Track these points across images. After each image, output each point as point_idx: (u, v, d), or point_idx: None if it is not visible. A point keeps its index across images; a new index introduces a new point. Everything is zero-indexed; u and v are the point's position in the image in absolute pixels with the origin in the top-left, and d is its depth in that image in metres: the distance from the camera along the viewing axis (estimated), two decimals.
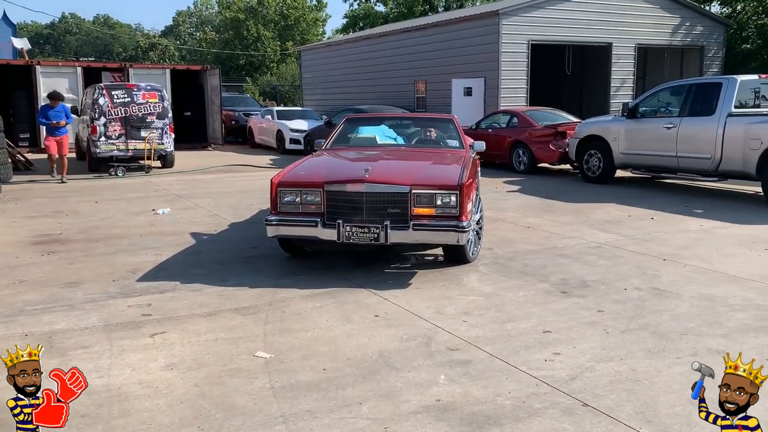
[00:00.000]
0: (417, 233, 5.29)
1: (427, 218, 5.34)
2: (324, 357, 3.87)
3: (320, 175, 5.63)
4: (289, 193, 5.55)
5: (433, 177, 5.61)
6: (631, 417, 3.12)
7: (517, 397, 3.34)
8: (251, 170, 14.66)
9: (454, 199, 5.33)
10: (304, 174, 5.80)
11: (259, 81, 44.58)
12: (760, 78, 10.41)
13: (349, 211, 5.35)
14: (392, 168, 5.89)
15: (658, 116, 10.71)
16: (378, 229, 5.23)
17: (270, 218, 5.52)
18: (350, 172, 5.72)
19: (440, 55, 19.91)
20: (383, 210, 5.32)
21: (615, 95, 19.64)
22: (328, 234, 5.35)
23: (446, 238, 5.38)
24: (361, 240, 5.27)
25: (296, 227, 5.51)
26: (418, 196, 5.34)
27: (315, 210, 5.48)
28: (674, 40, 20.46)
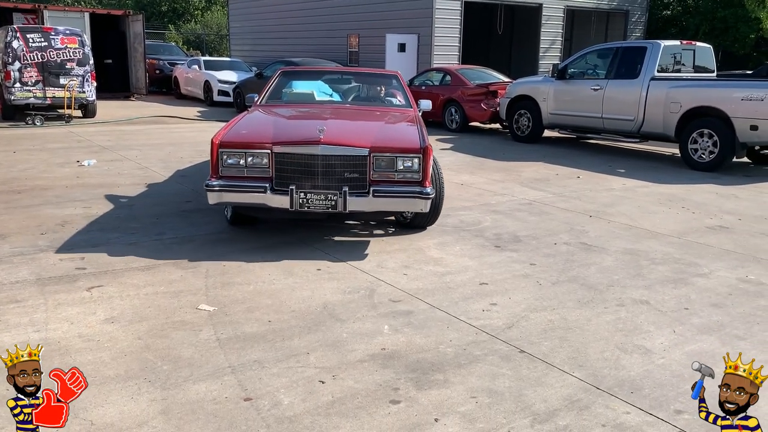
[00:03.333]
0: (378, 200, 4.87)
1: (387, 183, 4.92)
2: (268, 309, 3.90)
3: (267, 135, 5.05)
4: (233, 155, 4.91)
5: (393, 139, 5.20)
6: (564, 362, 3.33)
7: (458, 345, 3.49)
8: (179, 122, 14.20)
9: (417, 163, 4.95)
10: (247, 133, 5.20)
11: (182, 29, 42.72)
12: (682, 44, 10.90)
13: (300, 176, 4.86)
14: (348, 129, 5.42)
15: (585, 78, 11.05)
16: (336, 196, 4.79)
17: (211, 183, 4.88)
18: (302, 131, 5.25)
19: (374, 9, 19.66)
20: (340, 175, 4.85)
21: (543, 56, 20.04)
22: (278, 201, 4.84)
23: (409, 206, 5.02)
24: (316, 207, 4.81)
25: (241, 193, 4.92)
26: (378, 160, 4.91)
27: (261, 174, 4.92)
28: (601, 4, 20.97)
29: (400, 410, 2.84)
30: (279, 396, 2.92)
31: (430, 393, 2.99)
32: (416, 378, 3.12)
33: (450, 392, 3.00)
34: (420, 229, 5.76)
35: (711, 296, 4.33)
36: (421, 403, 2.90)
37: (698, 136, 9.23)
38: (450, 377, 3.14)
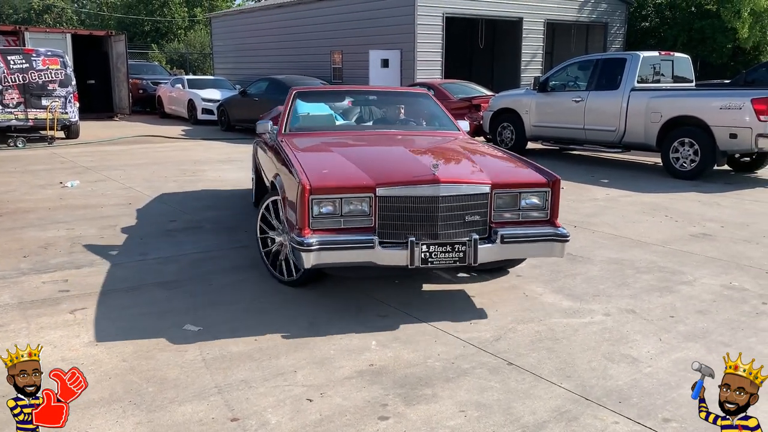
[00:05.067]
0: (508, 247, 4.01)
1: (512, 226, 4.08)
2: (255, 328, 3.87)
3: (363, 175, 3.99)
4: (327, 202, 3.85)
5: (510, 172, 4.35)
6: (552, 373, 3.33)
7: (446, 358, 3.48)
8: (163, 141, 14.16)
9: (543, 199, 4.14)
10: (340, 174, 4.08)
11: (166, 48, 42.73)
12: (660, 54, 11.06)
13: (413, 224, 3.88)
14: (454, 162, 4.49)
15: (567, 90, 11.16)
16: (464, 246, 3.88)
17: (306, 241, 3.76)
18: (409, 168, 4.16)
19: (357, 26, 19.80)
20: (460, 219, 3.95)
21: (525, 69, 20.25)
22: (392, 257, 3.84)
23: (544, 251, 4.18)
24: (441, 262, 3.88)
25: (345, 251, 3.83)
26: (499, 198, 4.05)
27: (361, 224, 3.89)
28: (581, 17, 21.25)
29: (389, 426, 2.82)
30: (266, 415, 2.90)
31: (419, 408, 2.97)
32: (404, 393, 3.10)
33: (439, 407, 2.99)
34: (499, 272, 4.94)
35: (696, 303, 4.36)
36: (409, 419, 2.88)
37: (679, 145, 9.34)
38: (438, 392, 3.13)
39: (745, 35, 19.39)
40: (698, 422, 2.85)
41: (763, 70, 13.76)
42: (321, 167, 4.18)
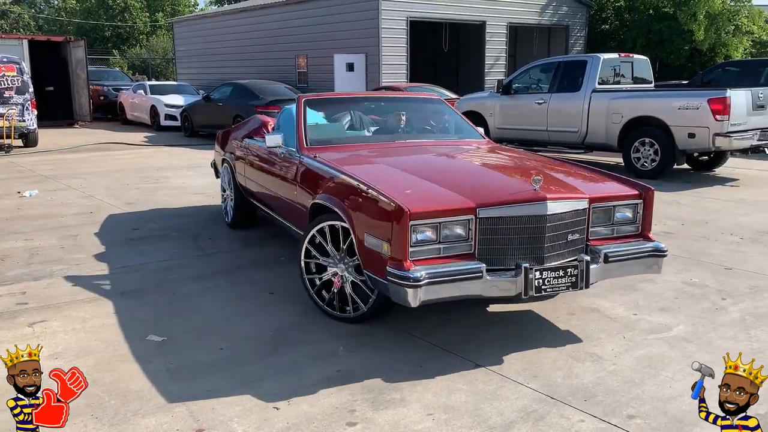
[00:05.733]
0: (612, 267, 3.72)
1: (609, 242, 3.81)
2: (220, 337, 3.82)
3: (459, 196, 3.50)
4: (425, 228, 3.36)
5: (602, 185, 4.05)
6: (519, 374, 3.35)
7: (414, 362, 3.48)
8: (125, 148, 13.92)
9: (635, 212, 3.93)
10: (434, 195, 3.57)
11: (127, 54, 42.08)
12: (620, 56, 11.27)
13: (517, 247, 3.51)
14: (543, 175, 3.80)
15: (530, 92, 11.30)
16: (576, 270, 3.53)
17: (412, 274, 3.25)
18: (506, 185, 3.80)
19: (321, 30, 19.77)
20: (563, 239, 3.62)
21: (489, 72, 20.45)
22: (503, 287, 3.43)
23: (644, 268, 3.88)
24: (554, 288, 3.50)
25: (453, 283, 3.35)
26: (596, 213, 3.78)
27: (460, 251, 3.45)
28: (542, 20, 21.55)
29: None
30: (232, 425, 2.85)
31: (387, 413, 2.96)
32: (372, 398, 3.09)
33: (407, 411, 2.98)
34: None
35: (658, 301, 4.44)
36: (377, 424, 2.87)
37: (640, 145, 9.52)
38: (407, 395, 3.12)
39: (701, 37, 19.90)
40: (661, 418, 2.91)
41: (719, 71, 14.14)
42: (402, 187, 3.63)
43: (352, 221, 3.66)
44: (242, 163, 5.98)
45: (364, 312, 3.88)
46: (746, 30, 20.76)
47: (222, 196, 6.76)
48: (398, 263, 3.32)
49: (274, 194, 5.16)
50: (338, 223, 3.83)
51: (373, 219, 3.50)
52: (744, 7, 20.82)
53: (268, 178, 5.24)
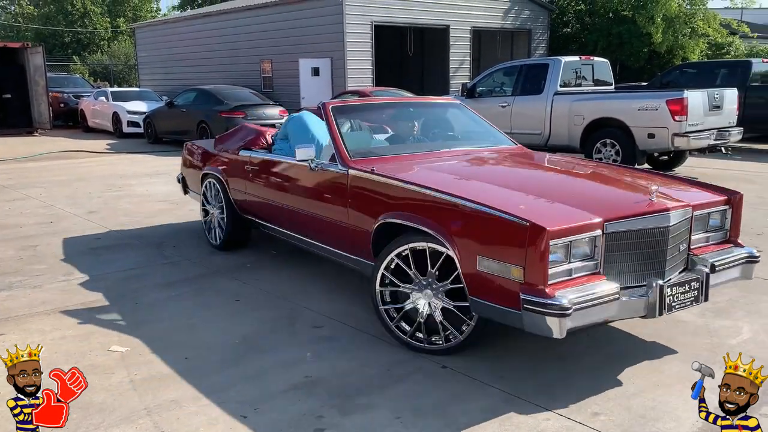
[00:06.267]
0: (718, 277, 3.55)
1: (704, 250, 3.66)
2: (185, 346, 3.77)
3: (581, 210, 3.20)
4: (557, 248, 3.05)
5: (693, 192, 3.85)
6: (485, 374, 3.37)
7: (383, 366, 3.48)
8: (87, 156, 13.66)
9: (723, 218, 3.80)
10: (555, 212, 3.21)
11: (88, 60, 41.32)
12: (581, 59, 11.47)
13: (640, 262, 3.27)
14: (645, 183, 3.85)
15: (494, 96, 11.43)
16: (697, 283, 3.36)
17: (559, 301, 2.92)
18: (621, 196, 3.61)
19: (286, 35, 19.70)
20: (677, 250, 3.44)
21: (454, 75, 20.62)
22: (634, 307, 3.18)
23: (738, 275, 3.72)
24: (681, 304, 3.30)
25: (595, 308, 3.04)
26: (695, 221, 3.60)
27: (588, 271, 3.16)
28: (505, 24, 21.82)
29: None
30: None
31: (355, 418, 2.96)
32: (340, 404, 3.08)
33: (375, 415, 2.98)
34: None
35: None
36: (346, 429, 2.87)
37: (601, 146, 9.70)
38: (375, 400, 3.12)
39: (659, 39, 20.35)
40: (624, 414, 2.96)
41: (677, 73, 14.48)
42: (516, 203, 3.27)
43: (454, 243, 3.25)
44: (241, 178, 5.39)
45: (459, 342, 3.50)
46: (702, 32, 21.30)
47: (204, 215, 6.07)
48: (536, 290, 2.96)
49: (303, 213, 4.60)
50: (427, 244, 3.44)
51: (492, 240, 3.12)
52: (699, 10, 21.37)
53: (292, 195, 4.72)
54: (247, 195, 5.37)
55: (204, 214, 6.06)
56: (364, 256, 4.01)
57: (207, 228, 6.03)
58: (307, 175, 4.50)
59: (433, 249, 3.43)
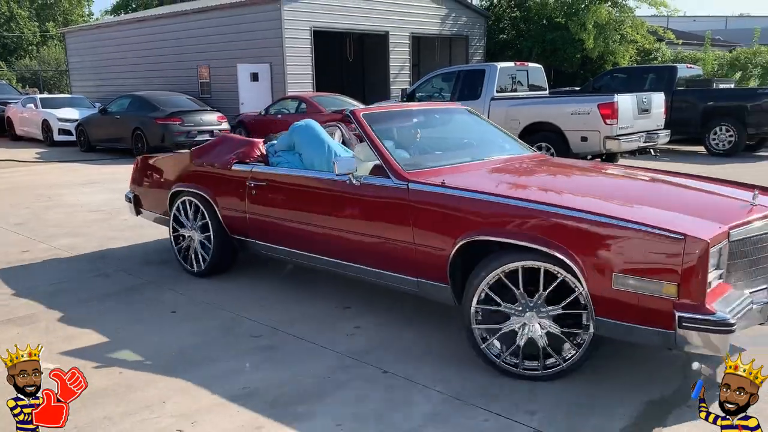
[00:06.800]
0: None
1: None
2: (118, 360, 3.64)
3: (706, 220, 3.03)
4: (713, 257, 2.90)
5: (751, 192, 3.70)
6: (426, 378, 3.38)
7: (322, 374, 3.45)
8: (14, 165, 13.11)
9: None
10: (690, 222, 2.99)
11: (15, 66, 39.69)
12: (516, 65, 11.73)
13: (749, 270, 3.15)
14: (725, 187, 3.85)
15: (433, 101, 11.54)
16: None
17: (721, 318, 2.76)
18: (722, 204, 3.47)
19: (223, 40, 19.41)
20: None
21: (395, 81, 20.74)
22: (754, 316, 3.04)
23: None
24: None
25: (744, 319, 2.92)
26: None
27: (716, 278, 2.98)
28: (443, 30, 22.12)
29: None
30: None
31: (295, 427, 2.92)
32: (279, 413, 3.04)
33: (315, 423, 2.95)
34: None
35: None
36: None
37: (537, 149, 9.92)
38: (315, 408, 3.09)
39: (591, 45, 21.01)
40: (559, 410, 3.02)
41: (608, 78, 14.98)
42: (652, 215, 3.05)
43: (578, 261, 3.01)
44: (235, 197, 4.80)
45: (562, 367, 3.27)
46: (631, 39, 22.10)
47: (176, 239, 5.37)
48: (694, 306, 2.77)
49: (339, 233, 4.11)
50: (535, 263, 3.18)
51: (634, 257, 2.89)
52: (628, 17, 22.17)
53: (323, 214, 4.20)
54: (249, 214, 4.72)
55: (176, 239, 5.37)
56: (433, 278, 3.63)
57: (181, 254, 5.32)
58: (346, 191, 4.02)
59: (546, 269, 3.15)
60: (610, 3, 22.10)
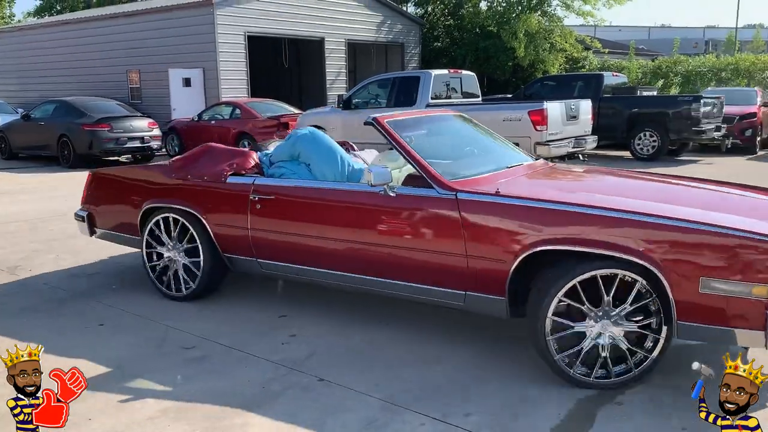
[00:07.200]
0: None
1: None
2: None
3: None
4: None
5: None
6: (362, 384, 3.38)
7: (257, 384, 3.40)
8: None
9: None
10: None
11: None
12: (450, 72, 11.93)
13: None
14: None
15: (369, 107, 11.61)
16: None
17: None
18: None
19: (154, 44, 18.96)
20: None
21: (331, 87, 20.74)
22: None
23: None
24: None
25: None
26: None
27: None
28: (379, 37, 22.28)
29: None
30: None
31: None
32: (213, 426, 2.98)
33: None
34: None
35: None
36: None
37: None
38: (249, 419, 3.05)
39: (522, 54, 21.59)
40: (492, 411, 3.08)
41: (538, 85, 15.42)
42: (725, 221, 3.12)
43: (662, 267, 3.05)
44: (233, 212, 4.40)
45: (634, 374, 3.26)
46: (560, 48, 22.83)
47: (149, 260, 4.84)
48: None
49: (371, 249, 3.87)
50: (613, 271, 3.16)
51: (724, 261, 2.96)
52: (557, 26, 22.91)
53: (351, 228, 3.93)
54: (253, 231, 4.33)
55: (149, 259, 4.84)
56: (486, 290, 3.51)
57: (157, 277, 4.82)
58: (379, 203, 3.79)
59: (623, 276, 3.16)
60: (540, 13, 22.78)
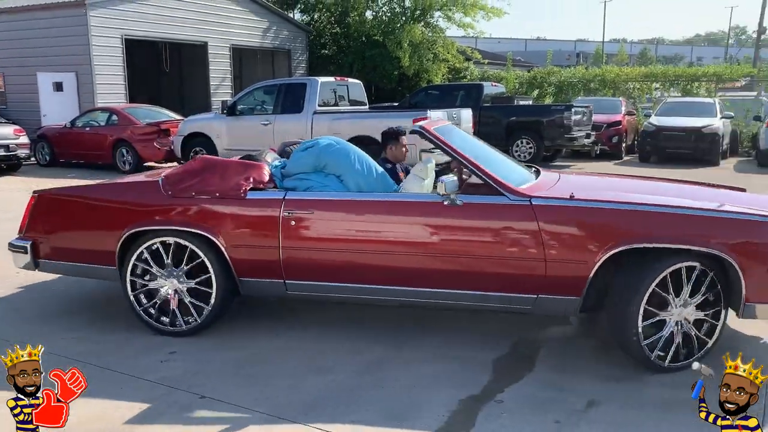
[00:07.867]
0: None
1: None
2: None
3: None
4: None
5: None
6: (248, 399, 3.30)
7: (133, 406, 3.24)
8: None
9: None
10: None
11: None
12: (336, 80, 11.99)
13: None
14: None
15: (255, 114, 11.44)
16: None
17: None
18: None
19: (20, 46, 17.64)
20: None
21: (215, 93, 20.19)
22: None
23: None
24: None
25: None
26: None
27: None
28: (265, 43, 21.98)
29: None
30: None
31: None
32: None
33: None
34: None
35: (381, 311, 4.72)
36: None
37: None
38: None
39: (407, 63, 22.05)
40: (377, 416, 3.10)
41: (423, 94, 15.82)
42: None
43: (735, 257, 3.39)
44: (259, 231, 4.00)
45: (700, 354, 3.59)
46: (443, 58, 23.52)
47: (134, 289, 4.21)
48: None
49: (431, 259, 3.76)
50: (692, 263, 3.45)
51: None
52: (440, 37, 23.59)
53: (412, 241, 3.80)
54: (286, 250, 3.95)
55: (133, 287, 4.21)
56: (562, 292, 3.59)
57: (144, 310, 4.22)
58: (443, 213, 3.70)
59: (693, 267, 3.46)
60: (423, 24, 23.37)
